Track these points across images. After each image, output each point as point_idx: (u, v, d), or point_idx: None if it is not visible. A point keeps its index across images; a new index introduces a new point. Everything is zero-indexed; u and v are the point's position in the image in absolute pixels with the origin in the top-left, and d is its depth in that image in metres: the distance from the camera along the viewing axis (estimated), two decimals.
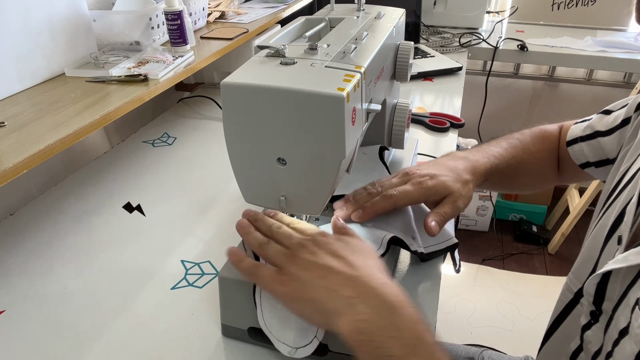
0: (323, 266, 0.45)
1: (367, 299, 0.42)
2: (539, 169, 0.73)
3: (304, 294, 0.44)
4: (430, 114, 1.11)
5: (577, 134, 0.70)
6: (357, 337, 0.40)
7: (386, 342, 0.39)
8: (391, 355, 0.39)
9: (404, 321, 0.41)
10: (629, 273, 0.45)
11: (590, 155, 0.68)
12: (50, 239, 0.73)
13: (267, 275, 0.47)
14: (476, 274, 1.94)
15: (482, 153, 0.66)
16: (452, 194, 0.57)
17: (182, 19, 0.86)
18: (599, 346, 0.49)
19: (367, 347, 0.40)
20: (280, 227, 0.51)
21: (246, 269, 0.49)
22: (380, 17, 0.69)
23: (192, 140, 1.03)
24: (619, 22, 1.97)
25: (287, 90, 0.44)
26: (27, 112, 0.65)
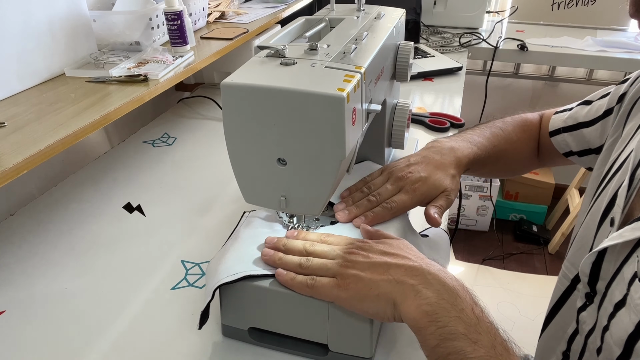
0: (382, 264, 0.47)
1: (431, 285, 0.44)
2: (519, 157, 0.78)
3: (371, 292, 0.46)
4: (431, 114, 1.11)
5: (559, 125, 0.74)
6: (425, 319, 0.43)
7: (451, 321, 0.42)
8: (455, 333, 0.41)
9: (464, 302, 0.43)
10: (622, 250, 0.47)
11: (574, 145, 0.72)
12: (50, 239, 0.73)
13: (327, 283, 0.48)
14: (476, 274, 1.94)
15: (466, 143, 0.69)
16: (445, 190, 0.61)
17: (182, 19, 0.86)
18: (592, 324, 0.50)
19: (433, 327, 0.42)
20: (314, 244, 0.52)
21: (302, 283, 0.49)
22: (380, 17, 0.69)
23: (192, 140, 1.03)
24: (619, 22, 1.97)
25: (287, 91, 0.44)
26: (27, 113, 0.65)
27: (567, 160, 0.75)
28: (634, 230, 0.45)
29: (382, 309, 0.46)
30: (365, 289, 0.46)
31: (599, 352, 0.48)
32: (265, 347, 0.54)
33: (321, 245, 0.52)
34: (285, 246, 0.53)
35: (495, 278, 1.91)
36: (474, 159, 0.68)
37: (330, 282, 0.48)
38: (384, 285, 0.45)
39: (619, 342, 0.44)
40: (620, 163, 0.55)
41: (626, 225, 0.46)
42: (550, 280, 1.89)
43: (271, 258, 0.52)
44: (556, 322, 0.60)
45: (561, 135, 0.73)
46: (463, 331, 0.41)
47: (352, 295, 0.46)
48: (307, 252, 0.51)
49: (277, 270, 0.50)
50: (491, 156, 0.71)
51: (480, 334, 0.41)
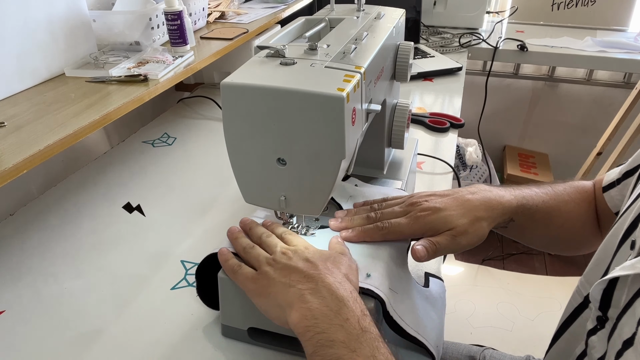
0: (291, 268, 0.48)
1: (318, 292, 0.45)
2: (575, 220, 0.65)
3: (266, 290, 0.47)
4: (430, 114, 1.11)
5: (613, 178, 0.63)
6: (304, 323, 0.43)
7: (331, 328, 0.42)
8: (333, 340, 0.41)
9: (350, 312, 0.43)
10: (636, 280, 0.44)
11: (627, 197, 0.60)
12: (50, 239, 0.73)
13: (245, 273, 0.50)
14: (476, 274, 1.94)
15: (509, 191, 0.60)
16: (454, 229, 0.54)
17: (182, 19, 0.86)
18: (602, 353, 0.48)
19: (311, 332, 0.42)
20: (269, 236, 0.54)
21: (229, 266, 0.52)
22: (380, 17, 0.69)
23: (192, 140, 1.03)
24: (618, 22, 1.97)
25: (287, 91, 0.44)
26: (27, 113, 0.65)
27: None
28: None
29: (271, 309, 0.47)
30: (264, 286, 0.48)
31: None
32: (264, 347, 0.54)
33: (274, 238, 0.53)
34: (250, 230, 0.56)
35: (495, 278, 1.91)
36: (517, 207, 0.58)
37: (249, 274, 0.50)
38: (277, 286, 0.47)
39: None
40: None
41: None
42: (550, 280, 1.89)
43: (233, 234, 0.55)
44: (565, 338, 0.58)
45: (615, 189, 0.62)
46: (342, 339, 0.41)
47: (255, 289, 0.48)
48: (260, 240, 0.53)
49: (220, 249, 0.53)
50: (540, 211, 0.60)
51: (362, 344, 0.41)
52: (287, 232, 0.55)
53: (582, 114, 2.12)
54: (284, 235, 0.54)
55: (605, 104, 2.07)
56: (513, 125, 2.25)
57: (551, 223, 0.63)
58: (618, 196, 0.62)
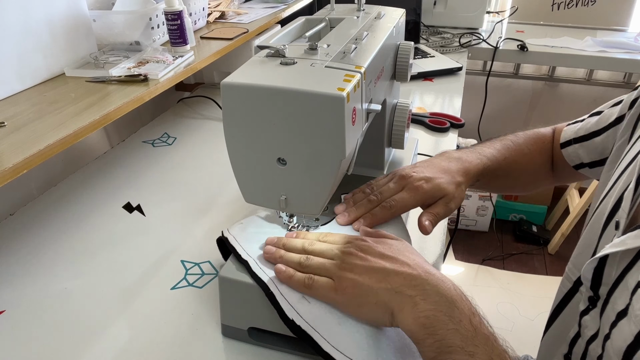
0: (380, 269, 0.47)
1: (429, 296, 0.44)
2: (532, 170, 0.74)
3: (369, 299, 0.46)
4: (430, 114, 1.11)
5: (571, 136, 0.71)
6: (422, 332, 0.43)
7: (448, 334, 0.42)
8: (452, 346, 0.41)
9: (462, 314, 0.43)
10: (625, 256, 0.46)
11: (584, 156, 0.70)
12: (50, 239, 0.73)
13: (325, 285, 0.48)
14: (476, 274, 1.94)
15: (475, 154, 0.67)
16: (446, 195, 0.59)
17: (182, 19, 0.86)
18: (595, 330, 0.49)
19: (431, 340, 0.42)
20: (313, 243, 0.52)
21: (300, 281, 0.49)
22: (381, 17, 0.69)
23: (192, 140, 1.03)
24: (618, 22, 1.97)
25: (287, 91, 0.44)
26: (27, 112, 0.65)
27: (578, 174, 0.72)
28: (636, 238, 0.44)
29: (379, 317, 0.46)
30: (363, 295, 0.46)
31: (599, 359, 0.47)
32: (265, 347, 0.54)
33: (320, 244, 0.52)
34: (285, 245, 0.53)
35: (495, 278, 1.91)
36: (483, 169, 0.66)
37: (328, 284, 0.48)
38: (382, 294, 0.45)
39: (618, 352, 0.43)
40: (627, 164, 0.54)
41: (630, 231, 0.46)
42: (550, 280, 1.89)
43: (272, 255, 0.52)
44: (558, 324, 0.60)
45: (572, 147, 0.71)
46: (460, 344, 0.41)
47: (349, 300, 0.47)
48: (306, 250, 0.51)
49: (277, 266, 0.50)
50: (502, 168, 0.69)
51: (477, 347, 0.41)
52: (322, 233, 0.55)
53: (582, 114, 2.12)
54: (322, 237, 0.53)
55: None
56: (513, 125, 2.24)
57: (510, 175, 0.72)
58: (574, 153, 0.71)
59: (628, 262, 0.45)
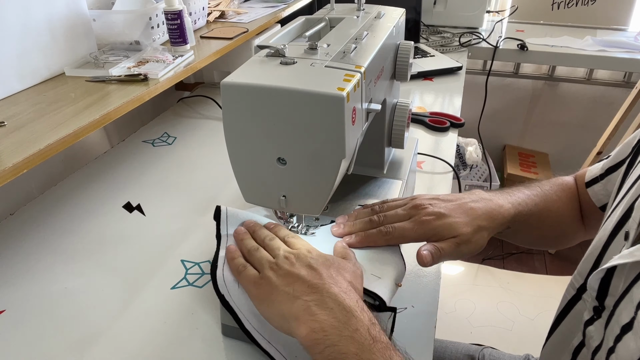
0: (294, 275, 0.47)
1: (325, 304, 0.43)
2: (563, 219, 0.67)
3: (269, 297, 0.47)
4: (430, 113, 1.11)
5: (596, 173, 0.65)
6: (312, 337, 0.42)
7: (341, 340, 0.41)
8: (346, 353, 0.40)
9: (359, 322, 0.42)
10: (633, 269, 0.45)
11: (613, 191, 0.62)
12: (50, 239, 0.73)
13: (249, 275, 0.50)
14: (476, 273, 1.94)
15: (506, 198, 0.60)
16: (458, 236, 0.54)
17: (182, 19, 0.86)
18: (599, 341, 0.49)
19: (321, 346, 0.41)
20: (272, 239, 0.53)
21: (235, 266, 0.52)
22: (380, 16, 0.69)
23: (192, 140, 1.03)
24: (619, 21, 1.97)
25: (287, 90, 0.44)
26: (27, 112, 0.65)
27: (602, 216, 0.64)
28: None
29: (273, 318, 0.47)
30: (267, 293, 0.47)
31: None
32: None
33: (277, 241, 0.53)
34: (254, 232, 0.56)
35: (495, 278, 1.91)
36: (515, 215, 0.58)
37: (253, 276, 0.50)
38: (281, 296, 0.46)
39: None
40: (638, 176, 0.52)
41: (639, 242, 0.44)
42: (550, 280, 1.89)
43: (239, 235, 0.56)
44: (561, 331, 0.59)
45: (599, 184, 0.64)
46: (354, 351, 0.40)
47: (257, 294, 0.48)
48: (263, 242, 0.53)
49: (228, 246, 0.54)
50: (534, 215, 0.61)
51: (374, 354, 0.40)
52: (291, 234, 0.55)
53: (582, 114, 2.12)
54: (287, 238, 0.54)
55: (605, 103, 2.07)
56: (513, 125, 2.25)
57: (543, 225, 0.64)
58: (602, 191, 0.63)
59: (636, 275, 0.44)
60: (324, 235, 0.58)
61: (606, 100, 2.07)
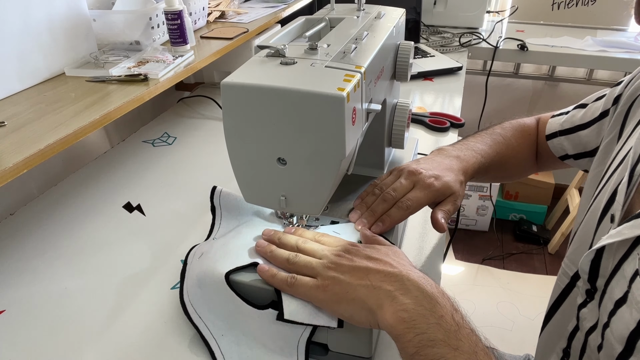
0: (362, 268, 0.47)
1: (409, 291, 0.44)
2: (519, 162, 0.77)
3: (347, 296, 0.46)
4: (431, 113, 1.11)
5: (556, 128, 0.74)
6: (401, 326, 0.42)
7: (429, 328, 0.41)
8: (434, 340, 0.41)
9: (444, 309, 0.43)
10: (621, 247, 0.46)
11: (570, 148, 0.73)
12: (50, 239, 0.73)
13: (307, 283, 0.48)
14: (476, 273, 1.94)
15: (470, 152, 0.68)
16: (454, 193, 0.60)
17: (182, 19, 0.86)
18: (594, 322, 0.50)
19: (410, 334, 0.41)
20: (305, 242, 0.53)
21: (282, 280, 0.49)
22: (381, 17, 0.69)
23: (192, 140, 1.03)
24: (619, 22, 1.97)
25: (287, 90, 0.44)
26: (27, 112, 0.65)
27: (563, 163, 0.76)
28: (632, 228, 0.45)
29: (357, 314, 0.46)
30: (341, 292, 0.46)
31: (599, 349, 0.48)
32: None
33: (312, 243, 0.52)
34: (280, 240, 0.54)
35: (495, 278, 1.91)
36: (479, 167, 0.67)
37: (310, 282, 0.48)
38: (360, 290, 0.45)
39: (620, 338, 0.44)
40: (620, 160, 0.55)
41: (625, 222, 0.46)
42: (550, 280, 1.89)
43: (263, 249, 0.53)
44: (556, 319, 0.60)
45: (558, 139, 0.74)
46: (442, 338, 0.41)
47: (329, 297, 0.47)
48: (298, 248, 0.52)
49: (259, 266, 0.51)
50: (494, 163, 0.70)
51: (461, 341, 0.41)
52: (319, 233, 0.55)
53: None
54: (318, 237, 0.54)
55: None
56: None
57: (501, 168, 0.74)
58: (559, 145, 0.74)
59: (624, 252, 0.46)
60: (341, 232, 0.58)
61: None
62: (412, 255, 0.69)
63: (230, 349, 0.51)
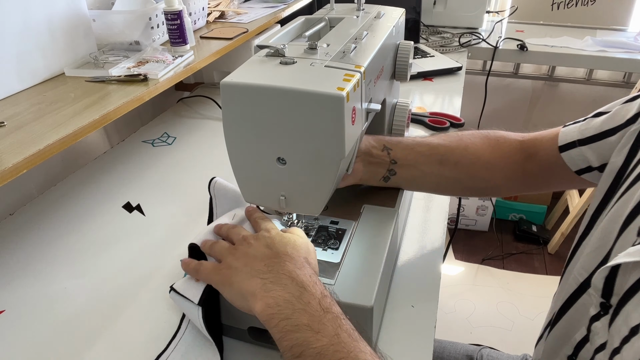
0: (250, 255, 0.49)
1: (279, 280, 0.45)
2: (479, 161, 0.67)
3: (230, 279, 0.48)
4: (430, 113, 1.11)
5: (574, 137, 0.63)
6: (268, 312, 0.44)
7: (294, 313, 0.43)
8: (298, 325, 0.42)
9: (311, 295, 0.44)
10: (637, 266, 0.43)
11: (594, 159, 0.61)
12: (50, 239, 0.73)
13: (208, 267, 0.51)
14: (476, 273, 1.94)
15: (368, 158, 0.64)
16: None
17: (181, 19, 0.86)
18: (605, 339, 0.47)
19: (276, 320, 0.43)
20: (234, 227, 0.55)
21: (192, 269, 0.53)
22: (380, 16, 0.69)
23: (192, 140, 1.03)
24: (618, 21, 1.97)
25: (286, 90, 0.44)
26: (27, 112, 0.65)
27: (577, 180, 0.64)
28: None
29: (236, 298, 0.47)
30: (227, 275, 0.48)
31: None
32: (264, 346, 0.54)
33: (239, 228, 0.54)
34: (221, 228, 0.56)
35: (495, 278, 1.91)
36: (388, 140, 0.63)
37: (211, 267, 0.51)
38: (241, 275, 0.47)
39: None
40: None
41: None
42: (550, 280, 1.89)
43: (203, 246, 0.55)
44: (562, 324, 0.58)
45: (577, 150, 0.62)
46: (306, 322, 0.42)
47: (220, 279, 0.49)
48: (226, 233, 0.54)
49: (182, 260, 0.54)
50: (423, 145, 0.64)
51: (324, 324, 0.42)
52: (260, 217, 0.56)
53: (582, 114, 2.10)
54: (257, 220, 0.55)
55: (605, 103, 2.05)
56: (513, 125, 2.24)
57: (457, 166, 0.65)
58: (580, 157, 0.62)
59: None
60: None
61: (606, 100, 2.04)
62: (412, 255, 0.69)
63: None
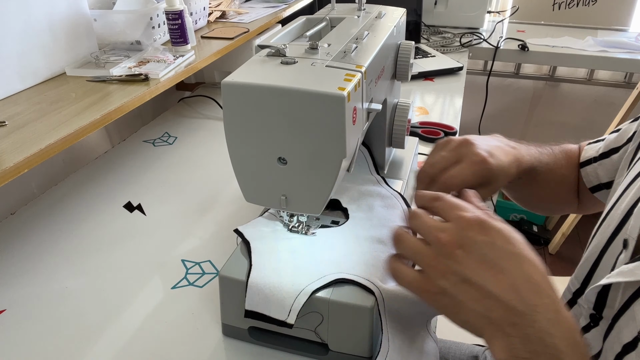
0: (477, 287, 0.38)
1: (530, 343, 0.37)
2: (564, 185, 0.67)
3: (456, 315, 0.40)
4: (420, 123, 1.07)
5: (592, 155, 0.64)
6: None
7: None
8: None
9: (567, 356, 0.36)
10: (629, 286, 0.42)
11: (603, 176, 0.62)
12: (51, 238, 0.73)
13: (409, 276, 0.42)
14: None
15: (526, 149, 0.59)
16: (498, 181, 0.52)
17: (182, 19, 0.87)
18: (597, 350, 0.47)
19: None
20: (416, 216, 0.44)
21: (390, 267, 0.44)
22: (381, 16, 0.69)
23: (193, 139, 1.03)
24: (619, 22, 1.97)
25: (287, 90, 0.44)
26: (28, 112, 0.65)
27: (593, 200, 0.64)
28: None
29: (467, 330, 0.40)
30: (450, 307, 0.40)
31: None
32: (265, 346, 0.54)
33: (426, 217, 0.43)
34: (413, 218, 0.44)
35: None
36: (531, 166, 0.58)
37: (414, 280, 0.42)
38: (474, 317, 0.39)
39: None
40: (635, 175, 0.49)
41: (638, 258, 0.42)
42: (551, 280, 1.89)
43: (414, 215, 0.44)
44: None
45: (592, 166, 0.63)
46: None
47: (435, 305, 0.41)
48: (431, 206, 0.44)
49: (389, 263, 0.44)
50: (542, 173, 0.61)
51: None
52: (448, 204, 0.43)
53: (583, 114, 2.12)
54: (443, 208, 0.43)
55: (606, 103, 2.06)
56: (514, 125, 2.25)
57: (547, 184, 0.64)
58: (593, 173, 0.64)
59: (634, 291, 0.42)
60: (325, 236, 0.58)
61: (607, 100, 2.06)
62: None
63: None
